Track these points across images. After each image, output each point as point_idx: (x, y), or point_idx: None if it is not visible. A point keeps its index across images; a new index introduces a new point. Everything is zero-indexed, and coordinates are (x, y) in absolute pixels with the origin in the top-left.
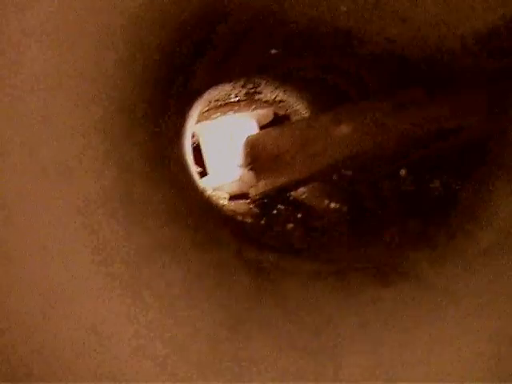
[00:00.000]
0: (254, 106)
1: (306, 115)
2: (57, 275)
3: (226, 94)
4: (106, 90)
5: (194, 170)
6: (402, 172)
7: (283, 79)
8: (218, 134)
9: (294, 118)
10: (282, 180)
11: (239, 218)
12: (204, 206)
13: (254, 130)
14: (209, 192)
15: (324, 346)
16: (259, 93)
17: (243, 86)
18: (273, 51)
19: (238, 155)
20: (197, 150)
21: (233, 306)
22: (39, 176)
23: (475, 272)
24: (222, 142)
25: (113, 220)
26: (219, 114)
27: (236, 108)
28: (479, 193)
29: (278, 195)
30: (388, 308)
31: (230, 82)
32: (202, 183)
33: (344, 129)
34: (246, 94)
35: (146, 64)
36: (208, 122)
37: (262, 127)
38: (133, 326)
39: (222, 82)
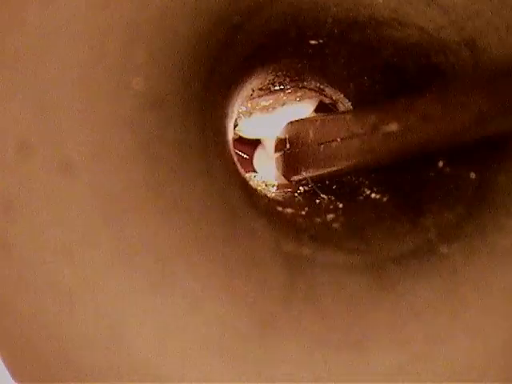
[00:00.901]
0: (299, 94)
1: (350, 105)
2: (81, 270)
3: (269, 83)
4: (136, 84)
5: (237, 161)
6: (440, 163)
7: (324, 68)
8: (264, 124)
9: (339, 107)
10: (323, 169)
11: (279, 208)
12: (243, 197)
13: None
14: (255, 182)
15: (354, 342)
16: (304, 80)
17: (286, 75)
18: (312, 42)
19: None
20: (242, 141)
21: (265, 303)
22: (63, 171)
23: (505, 266)
24: (268, 135)
25: (139, 216)
26: (264, 102)
27: (281, 95)
28: (510, 185)
29: (321, 184)
30: (420, 302)
31: (271, 71)
32: (247, 175)
33: (392, 126)
34: (290, 81)
35: (178, 56)
36: (254, 111)
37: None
38: (159, 323)
39: (262, 71)
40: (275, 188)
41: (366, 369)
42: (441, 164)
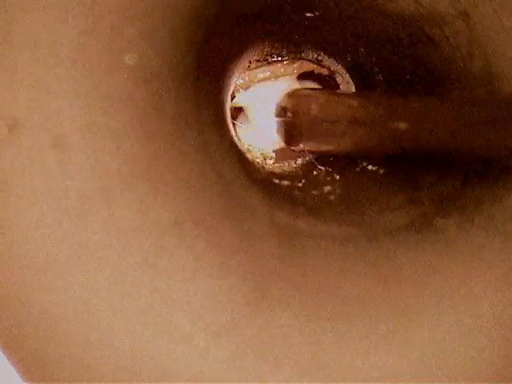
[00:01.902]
0: (296, 65)
1: (348, 77)
2: (75, 246)
3: (266, 54)
4: (128, 60)
5: (234, 133)
6: None
7: (321, 40)
8: (262, 97)
9: (338, 78)
10: (326, 147)
11: (276, 181)
12: (239, 171)
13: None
14: (253, 154)
15: (346, 313)
16: (301, 52)
17: (283, 46)
18: (308, 14)
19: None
20: (238, 111)
21: (257, 276)
22: (56, 147)
23: (503, 238)
24: (267, 106)
25: (134, 190)
26: (262, 73)
27: (279, 66)
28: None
29: (318, 156)
30: (413, 274)
31: (268, 42)
32: (244, 145)
33: (402, 125)
34: (288, 53)
35: (171, 31)
36: (252, 84)
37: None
38: (152, 295)
39: (258, 43)
40: (272, 161)
41: (357, 337)
42: None
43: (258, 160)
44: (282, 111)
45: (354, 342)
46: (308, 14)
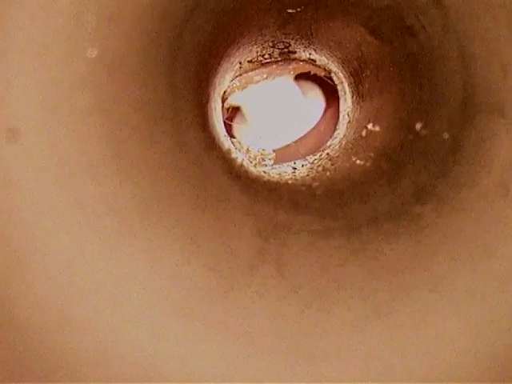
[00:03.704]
0: (291, 67)
1: (344, 76)
2: (34, 234)
3: (258, 55)
4: (90, 54)
5: (222, 131)
6: (418, 126)
7: (308, 37)
8: (259, 97)
9: (334, 78)
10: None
11: (265, 178)
12: (218, 162)
13: (295, 93)
14: (253, 154)
15: (321, 302)
16: (293, 52)
17: (273, 46)
18: (289, 10)
19: (282, 118)
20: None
21: (232, 266)
22: (10, 138)
23: (478, 218)
24: (263, 106)
25: (96, 175)
26: (258, 75)
27: (274, 68)
28: (482, 142)
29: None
30: (390, 262)
31: (254, 42)
32: (227, 144)
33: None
34: (280, 53)
35: (137, 21)
36: (248, 85)
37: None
38: (118, 283)
39: (243, 42)
40: (272, 161)
41: (332, 325)
42: (418, 127)
43: (253, 160)
44: None
45: (334, 330)
46: (290, 11)
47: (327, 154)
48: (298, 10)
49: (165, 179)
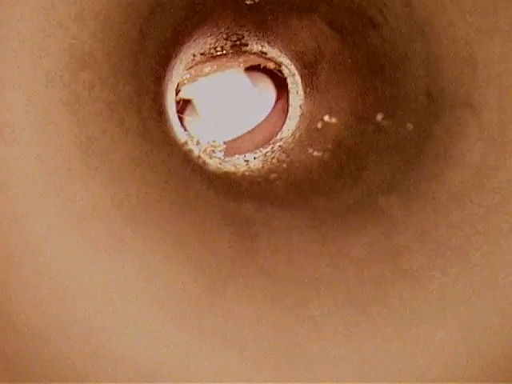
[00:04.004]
0: (241, 59)
1: (294, 69)
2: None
3: (210, 47)
4: (60, 41)
5: (177, 123)
6: (379, 117)
7: (263, 30)
8: (209, 90)
9: (284, 71)
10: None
11: (222, 169)
12: (182, 160)
13: (246, 85)
14: (203, 146)
15: (301, 300)
16: (245, 45)
17: (226, 39)
18: (248, 1)
19: (232, 110)
20: (186, 104)
21: (214, 267)
22: None
23: (447, 214)
24: (214, 98)
25: (74, 177)
26: (208, 68)
27: (224, 61)
28: (450, 136)
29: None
30: (360, 254)
31: (209, 34)
32: (184, 136)
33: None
34: (232, 46)
35: (104, 16)
36: (198, 78)
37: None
38: (107, 287)
39: (200, 34)
40: (222, 153)
41: (314, 323)
42: (379, 117)
43: (203, 152)
44: None
45: (311, 328)
46: (248, 2)
47: (280, 146)
48: (256, 1)
49: (134, 177)
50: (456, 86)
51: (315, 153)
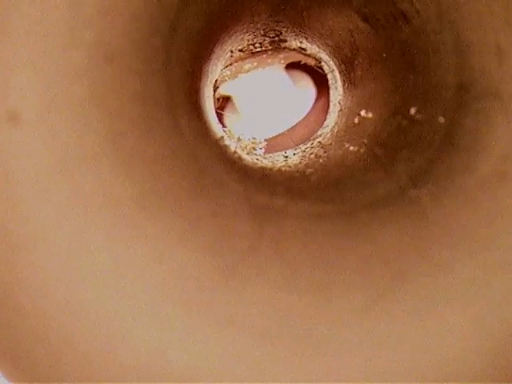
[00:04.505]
0: (282, 56)
1: (333, 65)
2: (35, 225)
3: (248, 43)
4: (87, 35)
5: (214, 119)
6: (412, 111)
7: (300, 25)
8: (250, 87)
9: (324, 68)
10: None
11: (258, 163)
12: (214, 152)
13: (286, 82)
14: (243, 143)
15: (320, 286)
16: (284, 41)
17: (264, 35)
18: None
19: (273, 108)
20: (226, 101)
21: (229, 253)
22: (11, 121)
23: (472, 204)
24: (254, 96)
25: (95, 167)
26: (249, 64)
27: (265, 57)
28: (479, 127)
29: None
30: (388, 246)
31: (246, 30)
32: (220, 132)
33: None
34: (271, 42)
35: (132, 10)
36: (239, 74)
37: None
38: (117, 273)
39: (236, 30)
40: (262, 151)
41: (332, 309)
42: (413, 111)
43: (243, 149)
44: None
45: (327, 314)
46: None
47: (319, 142)
48: None
49: (162, 169)
50: (484, 76)
51: (351, 147)
